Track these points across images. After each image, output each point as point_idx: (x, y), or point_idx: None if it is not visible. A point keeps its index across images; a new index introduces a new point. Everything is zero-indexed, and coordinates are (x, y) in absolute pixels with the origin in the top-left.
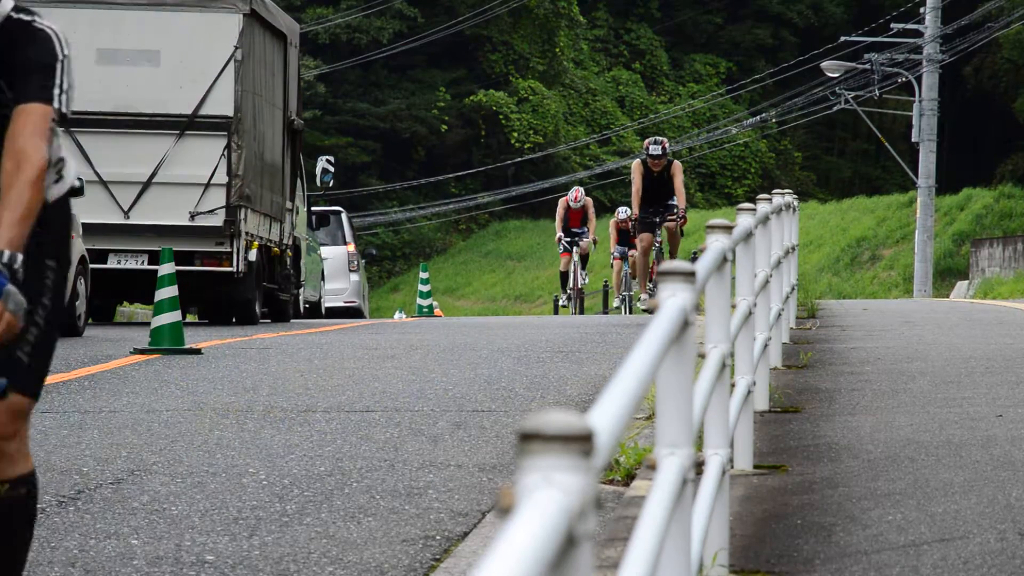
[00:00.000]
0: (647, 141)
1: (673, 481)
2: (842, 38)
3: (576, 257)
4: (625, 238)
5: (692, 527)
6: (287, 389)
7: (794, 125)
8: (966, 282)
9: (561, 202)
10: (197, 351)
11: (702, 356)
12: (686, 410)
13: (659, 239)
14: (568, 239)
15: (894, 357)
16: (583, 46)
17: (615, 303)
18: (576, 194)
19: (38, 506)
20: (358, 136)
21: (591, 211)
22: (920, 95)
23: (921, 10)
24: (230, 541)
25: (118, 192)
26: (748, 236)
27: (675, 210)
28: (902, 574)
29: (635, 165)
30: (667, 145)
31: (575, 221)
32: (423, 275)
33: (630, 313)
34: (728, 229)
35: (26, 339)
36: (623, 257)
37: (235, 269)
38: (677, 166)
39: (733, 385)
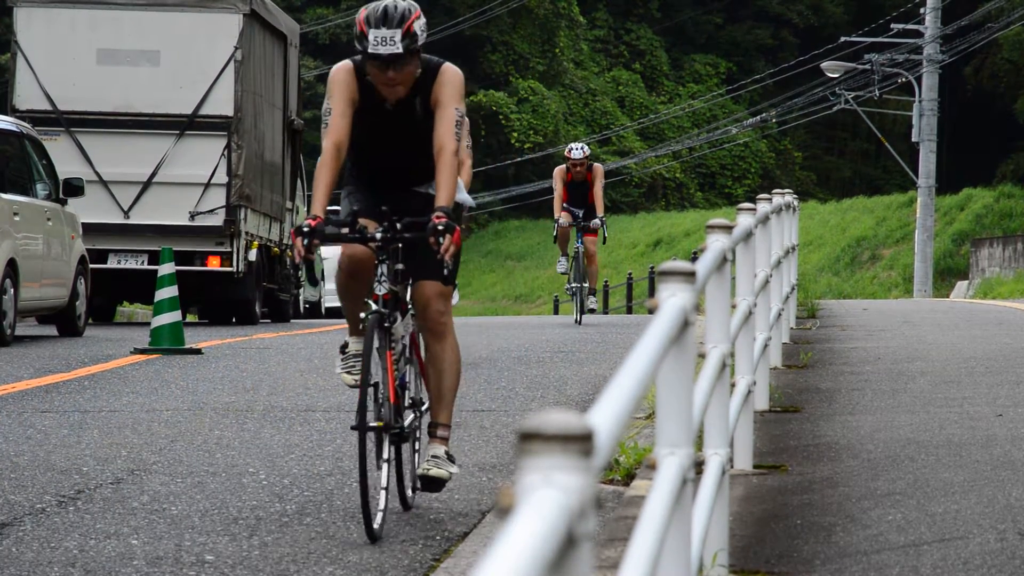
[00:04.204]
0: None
1: (673, 481)
2: (842, 38)
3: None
4: (572, 197)
5: (692, 527)
6: (287, 389)
7: (794, 125)
8: (966, 282)
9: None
10: (197, 351)
11: (702, 356)
12: (686, 410)
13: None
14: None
15: (894, 357)
16: (583, 46)
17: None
18: (579, 152)
19: (38, 506)
20: None
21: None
22: (920, 95)
23: (921, 10)
24: (230, 541)
25: (118, 192)
26: (748, 236)
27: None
28: (902, 574)
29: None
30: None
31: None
32: None
33: (581, 313)
34: (728, 229)
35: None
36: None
37: (235, 269)
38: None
39: (733, 385)
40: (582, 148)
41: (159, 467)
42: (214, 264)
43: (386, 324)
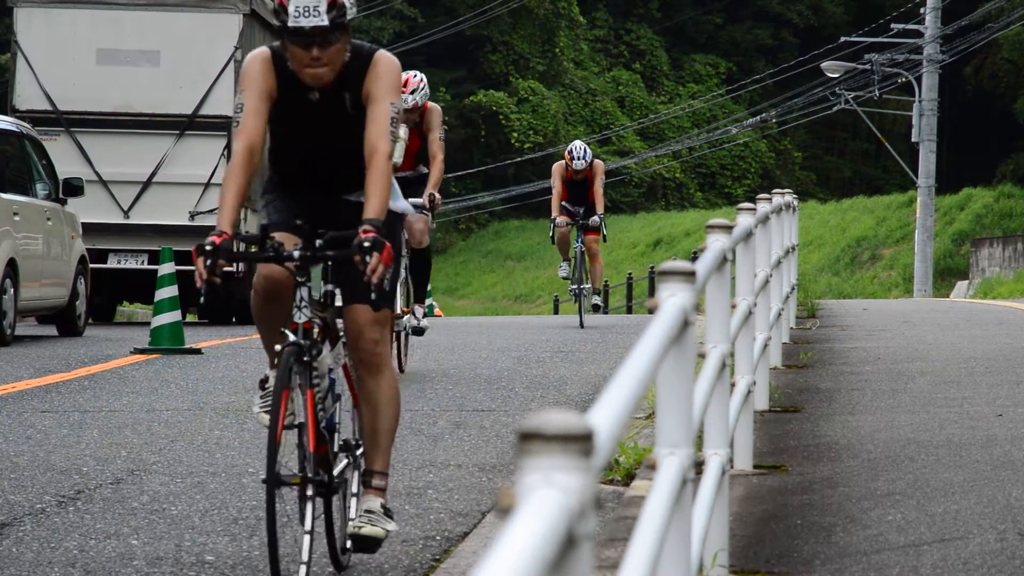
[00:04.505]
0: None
1: (673, 481)
2: (842, 38)
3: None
4: (572, 195)
5: (692, 527)
6: None
7: (794, 125)
8: (966, 282)
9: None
10: (197, 351)
11: (702, 356)
12: (686, 410)
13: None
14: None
15: (894, 357)
16: (583, 46)
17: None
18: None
19: (38, 506)
20: None
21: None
22: (920, 95)
23: (921, 10)
24: (230, 541)
25: (118, 192)
26: (748, 236)
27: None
28: (902, 574)
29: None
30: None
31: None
32: None
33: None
34: (728, 229)
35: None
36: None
37: (235, 269)
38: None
39: (733, 385)
40: (584, 155)
41: (159, 467)
42: None
43: (306, 358)
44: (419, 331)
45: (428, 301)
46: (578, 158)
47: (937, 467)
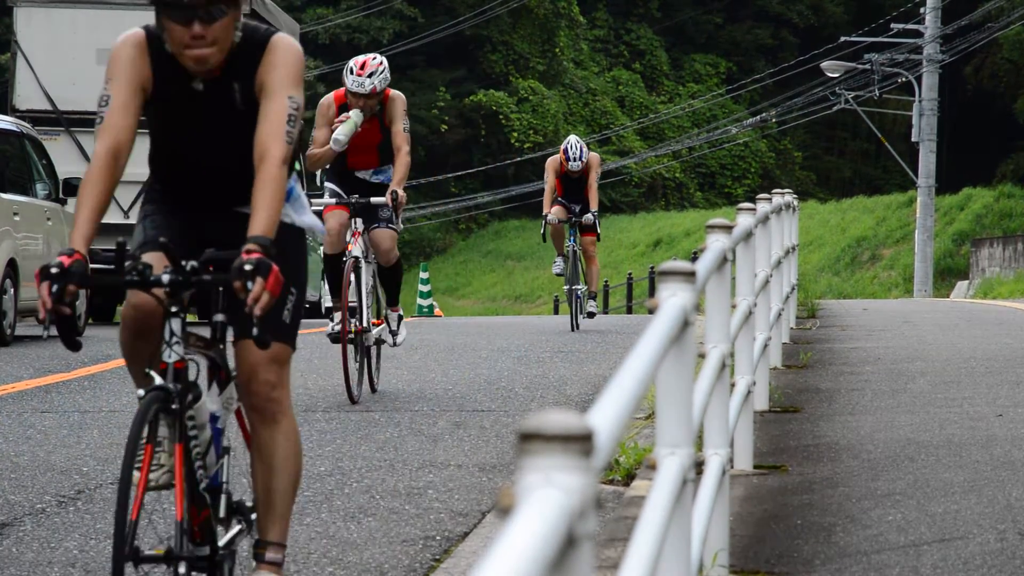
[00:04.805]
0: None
1: (673, 481)
2: (842, 38)
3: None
4: (567, 190)
5: (692, 527)
6: None
7: (794, 125)
8: (966, 282)
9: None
10: None
11: (702, 356)
12: (686, 410)
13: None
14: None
15: (894, 357)
16: (583, 46)
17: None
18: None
19: (39, 506)
20: None
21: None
22: (920, 95)
23: (921, 10)
24: None
25: (118, 192)
26: (748, 236)
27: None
28: (902, 574)
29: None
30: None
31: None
32: (423, 275)
33: (578, 316)
34: (728, 229)
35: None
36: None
37: None
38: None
39: (733, 385)
40: (580, 156)
41: None
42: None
43: (175, 406)
44: (396, 340)
45: (428, 301)
46: (574, 159)
47: (937, 467)
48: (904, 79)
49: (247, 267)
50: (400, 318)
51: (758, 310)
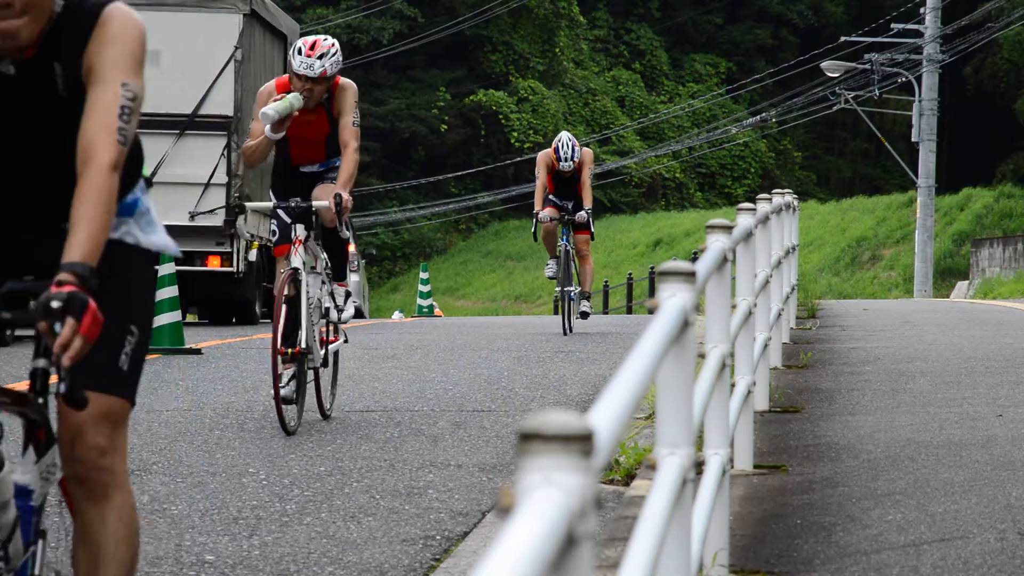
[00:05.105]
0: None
1: (673, 481)
2: (842, 38)
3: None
4: (559, 187)
5: (692, 527)
6: None
7: (794, 125)
8: (966, 282)
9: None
10: (197, 351)
11: (702, 356)
12: (686, 410)
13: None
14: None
15: (894, 357)
16: (583, 46)
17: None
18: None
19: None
20: None
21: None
22: (920, 95)
23: (921, 10)
24: (230, 541)
25: None
26: (748, 236)
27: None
28: (902, 574)
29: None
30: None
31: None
32: (423, 275)
33: (569, 316)
34: (728, 229)
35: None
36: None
37: (235, 269)
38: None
39: (733, 385)
40: (571, 155)
41: (159, 467)
42: (214, 264)
43: None
44: (341, 317)
45: (428, 301)
46: (565, 159)
47: (937, 467)
48: (904, 79)
49: (54, 304)
50: (348, 294)
51: (758, 310)
